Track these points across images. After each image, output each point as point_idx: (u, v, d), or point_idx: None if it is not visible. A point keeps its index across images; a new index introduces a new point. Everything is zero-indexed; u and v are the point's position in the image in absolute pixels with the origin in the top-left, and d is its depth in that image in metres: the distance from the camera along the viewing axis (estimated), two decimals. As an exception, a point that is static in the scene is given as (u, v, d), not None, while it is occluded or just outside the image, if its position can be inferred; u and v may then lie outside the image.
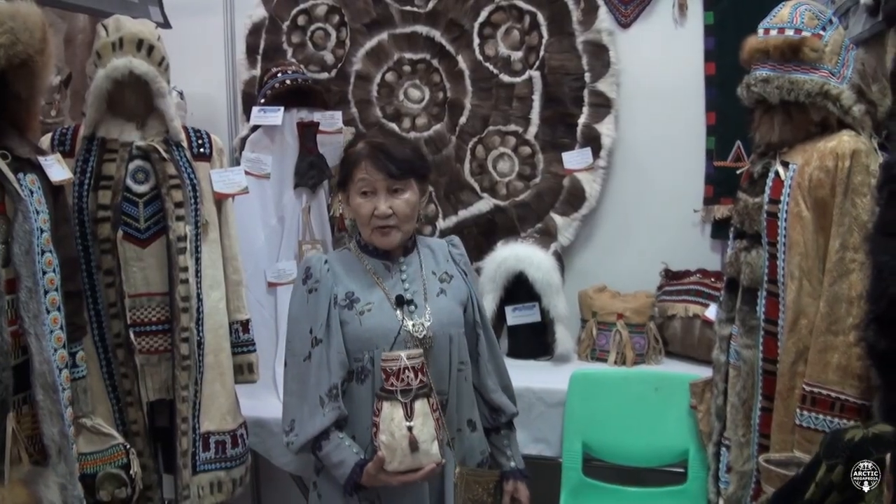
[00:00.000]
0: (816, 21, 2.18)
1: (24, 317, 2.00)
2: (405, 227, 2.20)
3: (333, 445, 2.12)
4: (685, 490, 2.81)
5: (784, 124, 2.23)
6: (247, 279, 2.79)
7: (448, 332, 2.20)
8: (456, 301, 2.26)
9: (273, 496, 3.68)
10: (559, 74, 3.45)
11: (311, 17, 3.64)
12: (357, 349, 2.16)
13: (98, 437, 2.32)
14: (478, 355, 2.31)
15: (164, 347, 2.48)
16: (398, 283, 2.22)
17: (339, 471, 2.12)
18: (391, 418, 2.03)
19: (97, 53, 2.42)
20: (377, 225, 2.17)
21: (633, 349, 3.17)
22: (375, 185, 2.15)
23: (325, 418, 2.11)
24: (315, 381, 2.14)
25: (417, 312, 2.19)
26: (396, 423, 2.03)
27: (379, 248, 2.23)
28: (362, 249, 2.26)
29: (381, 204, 2.15)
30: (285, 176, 3.25)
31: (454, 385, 2.22)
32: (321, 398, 2.12)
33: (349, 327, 2.16)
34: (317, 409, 2.12)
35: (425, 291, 2.22)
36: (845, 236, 2.06)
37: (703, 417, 2.69)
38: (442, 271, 2.29)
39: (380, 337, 2.15)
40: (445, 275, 2.29)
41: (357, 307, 2.18)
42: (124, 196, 2.41)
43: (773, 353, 2.23)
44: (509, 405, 2.36)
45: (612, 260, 3.55)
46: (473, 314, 2.31)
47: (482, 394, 2.33)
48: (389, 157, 2.15)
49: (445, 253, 2.34)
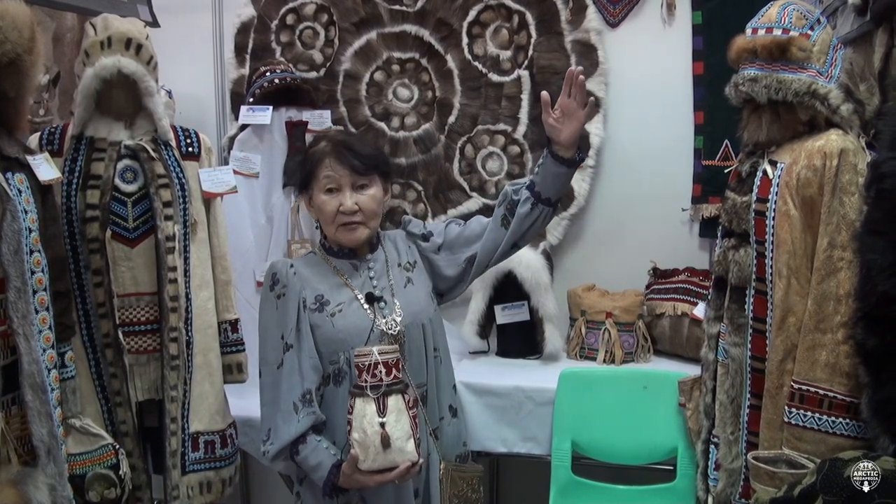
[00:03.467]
0: (804, 21, 2.19)
1: (12, 317, 1.99)
2: (371, 224, 2.19)
3: (310, 449, 2.09)
4: (674, 488, 2.82)
5: (772, 123, 2.24)
6: (236, 279, 2.78)
7: (420, 322, 2.21)
8: (422, 286, 2.28)
9: (262, 496, 3.67)
10: (548, 74, 3.46)
11: (300, 16, 3.63)
12: (331, 351, 2.15)
13: (87, 438, 2.31)
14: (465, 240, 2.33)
15: (153, 347, 2.47)
16: (367, 281, 2.22)
17: (316, 474, 2.09)
18: (363, 415, 1.98)
19: (85, 52, 2.42)
20: (343, 221, 2.16)
21: (621, 348, 3.18)
22: (340, 181, 2.15)
23: (301, 424, 2.08)
24: (287, 387, 2.11)
25: (388, 308, 2.19)
26: (368, 420, 1.97)
27: (344, 248, 2.23)
28: (327, 251, 2.25)
29: (347, 200, 2.14)
30: (274, 175, 3.25)
31: (432, 374, 2.23)
32: (295, 404, 2.09)
33: (321, 330, 2.15)
34: (291, 415, 2.09)
35: (392, 286, 2.22)
36: (833, 235, 2.07)
37: (692, 415, 2.70)
38: (405, 261, 2.30)
39: (353, 336, 2.14)
40: (409, 263, 2.29)
41: (328, 309, 2.16)
42: (113, 195, 2.41)
43: (762, 351, 2.24)
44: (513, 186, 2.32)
45: (601, 259, 3.56)
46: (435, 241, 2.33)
47: (492, 227, 2.31)
48: (353, 152, 2.15)
49: (404, 239, 2.35)
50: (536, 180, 2.23)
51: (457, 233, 2.34)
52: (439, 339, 2.29)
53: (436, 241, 2.33)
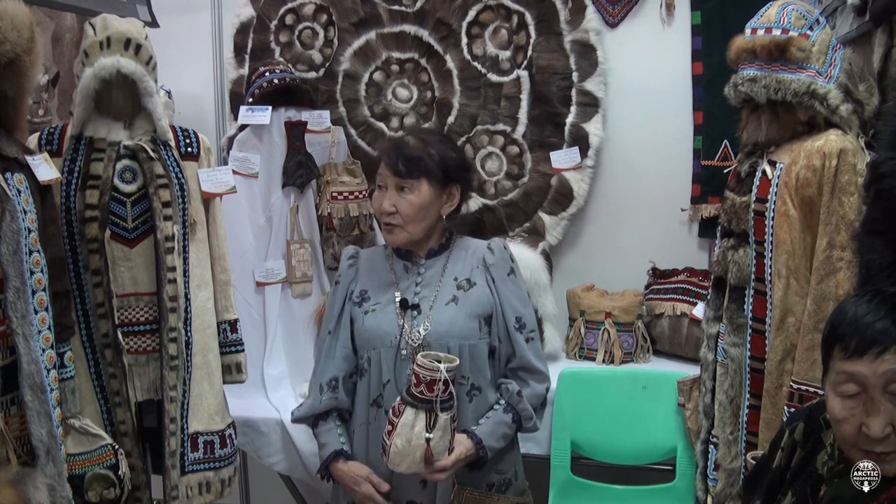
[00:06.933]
0: (803, 21, 2.19)
1: (11, 317, 1.99)
2: (410, 228, 2.17)
3: (326, 429, 2.22)
4: (673, 488, 2.82)
5: (771, 123, 2.24)
6: (235, 279, 2.78)
7: (446, 343, 2.14)
8: (467, 312, 2.17)
9: (262, 496, 3.67)
10: (547, 74, 3.46)
11: (299, 17, 3.63)
12: (360, 347, 2.21)
13: (86, 438, 2.31)
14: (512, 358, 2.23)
15: (152, 347, 2.47)
16: (411, 286, 2.21)
17: (320, 451, 2.22)
18: (412, 426, 1.98)
19: (85, 52, 2.41)
20: (383, 221, 2.19)
21: (621, 348, 3.18)
22: (386, 180, 2.18)
23: (320, 405, 2.22)
24: (321, 368, 2.25)
25: (419, 319, 2.16)
26: (416, 432, 1.98)
27: (402, 248, 2.24)
28: (393, 248, 2.27)
29: (385, 200, 2.17)
30: (273, 175, 3.24)
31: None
32: (321, 386, 2.23)
33: (356, 325, 2.22)
34: (317, 394, 2.23)
35: (435, 298, 2.19)
36: (832, 235, 2.07)
37: (691, 415, 2.70)
38: (464, 278, 2.22)
39: (377, 339, 2.16)
40: (466, 282, 2.21)
41: (365, 306, 2.21)
42: (112, 196, 2.40)
43: (761, 352, 2.24)
44: (511, 386, 2.20)
45: (600, 259, 3.56)
46: (504, 322, 2.20)
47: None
48: (401, 154, 2.16)
49: (479, 258, 2.24)
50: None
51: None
52: (474, 371, 2.18)
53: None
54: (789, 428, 1.67)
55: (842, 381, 1.44)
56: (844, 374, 1.43)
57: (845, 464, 1.50)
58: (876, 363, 1.39)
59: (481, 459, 2.14)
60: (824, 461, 1.56)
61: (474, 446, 2.12)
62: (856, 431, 1.42)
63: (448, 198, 2.22)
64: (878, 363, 1.39)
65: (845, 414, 1.44)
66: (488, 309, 2.20)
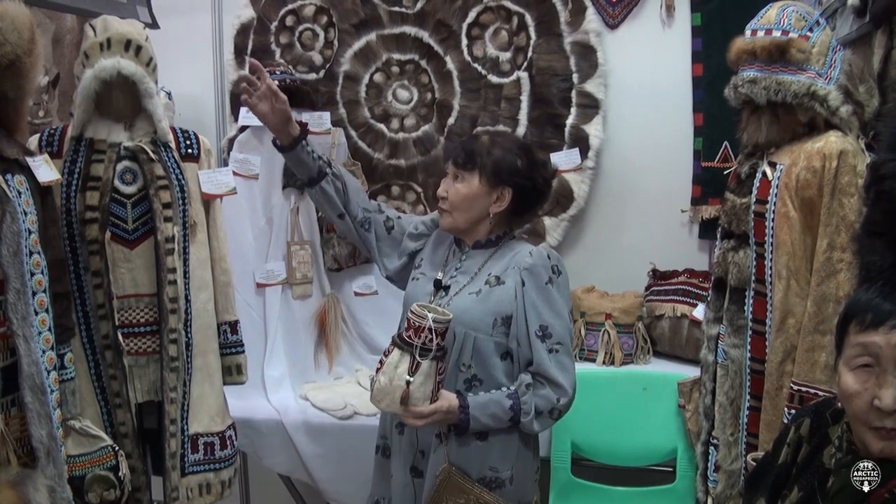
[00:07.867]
0: (803, 22, 2.19)
1: (12, 318, 1.99)
2: (455, 215, 2.24)
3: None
4: (674, 489, 2.82)
5: (771, 125, 2.24)
6: (235, 280, 2.78)
7: (460, 331, 2.17)
8: (485, 306, 2.18)
9: (261, 497, 3.67)
10: (547, 75, 3.46)
11: (299, 18, 3.63)
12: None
13: (86, 439, 2.31)
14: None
15: (153, 349, 2.47)
16: (451, 270, 2.29)
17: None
18: (395, 366, 2.07)
19: (85, 54, 2.41)
20: (438, 204, 2.29)
21: (621, 349, 3.19)
22: (448, 168, 2.27)
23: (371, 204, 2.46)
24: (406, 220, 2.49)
25: (443, 300, 2.23)
26: (399, 373, 2.06)
27: (455, 235, 2.33)
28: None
29: (442, 185, 2.27)
30: (274, 177, 3.24)
31: (454, 384, 2.19)
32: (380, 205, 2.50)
33: (406, 283, 2.40)
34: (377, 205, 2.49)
35: (464, 286, 2.24)
36: (833, 236, 2.07)
37: (692, 417, 2.70)
38: (496, 275, 2.22)
39: (409, 303, 2.23)
40: (496, 279, 2.21)
41: (415, 273, 2.37)
42: (112, 197, 2.40)
43: (761, 353, 2.24)
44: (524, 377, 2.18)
45: (601, 260, 3.56)
46: (526, 327, 2.17)
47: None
48: (464, 146, 2.25)
49: (519, 262, 2.21)
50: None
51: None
52: (477, 362, 2.19)
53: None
54: (795, 424, 1.67)
55: (856, 354, 1.46)
56: (859, 346, 1.46)
57: (853, 455, 1.50)
58: (891, 334, 1.42)
59: (462, 424, 2.15)
60: (832, 454, 1.57)
61: (458, 407, 2.14)
62: (867, 406, 1.44)
63: (498, 198, 2.22)
64: (893, 334, 1.41)
65: (857, 388, 1.45)
66: (508, 310, 2.18)
